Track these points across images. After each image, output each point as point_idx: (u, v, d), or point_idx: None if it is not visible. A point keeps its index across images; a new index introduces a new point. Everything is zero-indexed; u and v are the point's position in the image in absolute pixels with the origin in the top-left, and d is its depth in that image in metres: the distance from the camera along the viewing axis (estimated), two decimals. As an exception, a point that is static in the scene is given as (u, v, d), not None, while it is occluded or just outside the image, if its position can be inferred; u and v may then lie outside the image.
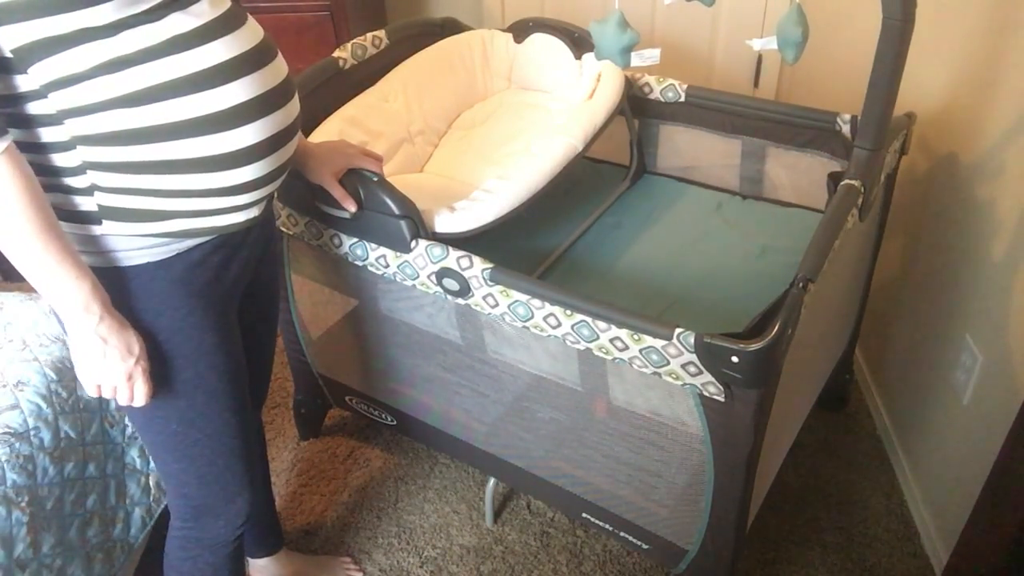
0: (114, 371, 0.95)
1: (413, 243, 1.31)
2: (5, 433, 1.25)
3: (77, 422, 1.37)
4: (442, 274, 1.30)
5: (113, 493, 1.44)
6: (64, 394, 1.36)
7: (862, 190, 1.31)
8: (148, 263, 0.96)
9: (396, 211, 1.30)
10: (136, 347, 0.96)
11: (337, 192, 1.30)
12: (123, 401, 0.98)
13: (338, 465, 1.88)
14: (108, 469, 1.43)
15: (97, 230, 0.93)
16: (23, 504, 1.23)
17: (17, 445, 1.25)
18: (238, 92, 0.92)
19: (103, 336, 0.92)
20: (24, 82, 0.84)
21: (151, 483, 1.51)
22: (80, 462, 1.36)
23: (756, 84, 2.47)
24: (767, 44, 1.18)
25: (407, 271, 1.35)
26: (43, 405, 1.32)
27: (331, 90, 1.61)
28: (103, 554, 1.39)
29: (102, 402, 1.43)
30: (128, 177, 0.91)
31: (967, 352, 1.49)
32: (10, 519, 1.20)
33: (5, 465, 1.22)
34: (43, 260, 0.87)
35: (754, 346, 1.05)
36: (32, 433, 1.28)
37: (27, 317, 1.48)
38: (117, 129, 0.88)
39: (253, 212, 1.02)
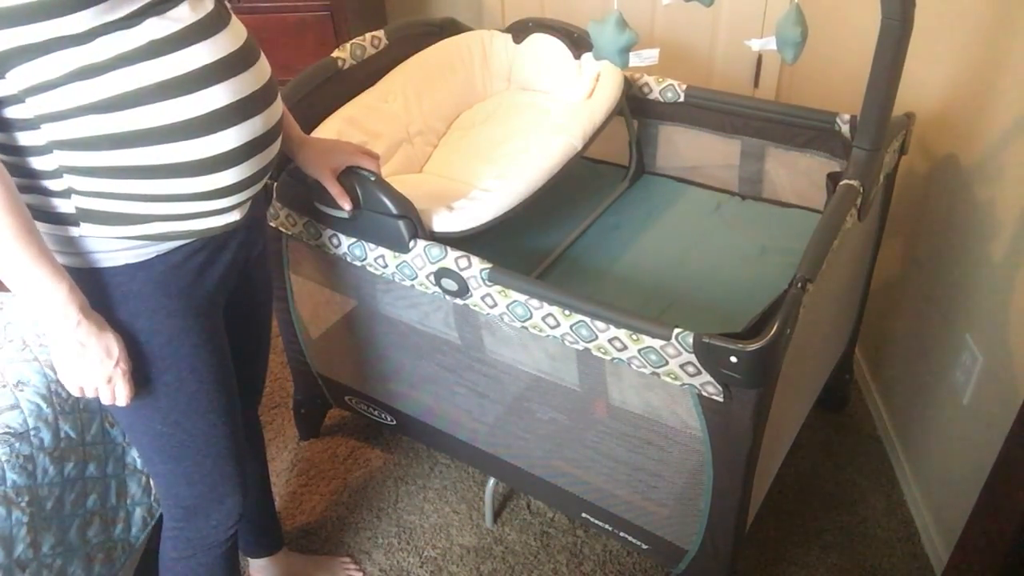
0: (94, 374, 0.95)
1: (411, 243, 1.32)
2: (5, 433, 1.25)
3: (77, 422, 1.37)
4: (440, 274, 1.30)
5: (114, 493, 1.44)
6: (64, 394, 1.36)
7: (861, 190, 1.31)
8: (127, 264, 0.96)
9: (394, 211, 1.30)
10: (115, 350, 0.95)
11: (334, 189, 1.30)
12: (105, 401, 0.99)
13: (338, 465, 1.88)
14: (109, 469, 1.43)
15: (75, 232, 0.93)
16: (23, 504, 1.23)
17: (17, 445, 1.26)
18: (218, 96, 0.91)
19: (81, 340, 0.92)
20: (2, 87, 0.84)
21: (152, 483, 1.51)
22: (80, 462, 1.36)
23: (756, 84, 2.47)
24: (766, 44, 1.18)
25: (406, 271, 1.35)
26: (43, 405, 1.32)
27: (330, 90, 1.61)
28: (104, 554, 1.40)
29: (102, 404, 1.43)
30: (105, 181, 0.90)
31: (967, 352, 1.49)
32: (10, 519, 1.20)
33: (5, 465, 1.23)
34: (19, 263, 0.87)
35: (753, 346, 1.05)
36: (32, 433, 1.28)
37: (27, 317, 1.48)
38: (93, 134, 0.87)
39: (234, 215, 1.01)
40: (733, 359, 1.06)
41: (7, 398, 1.30)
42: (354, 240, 1.39)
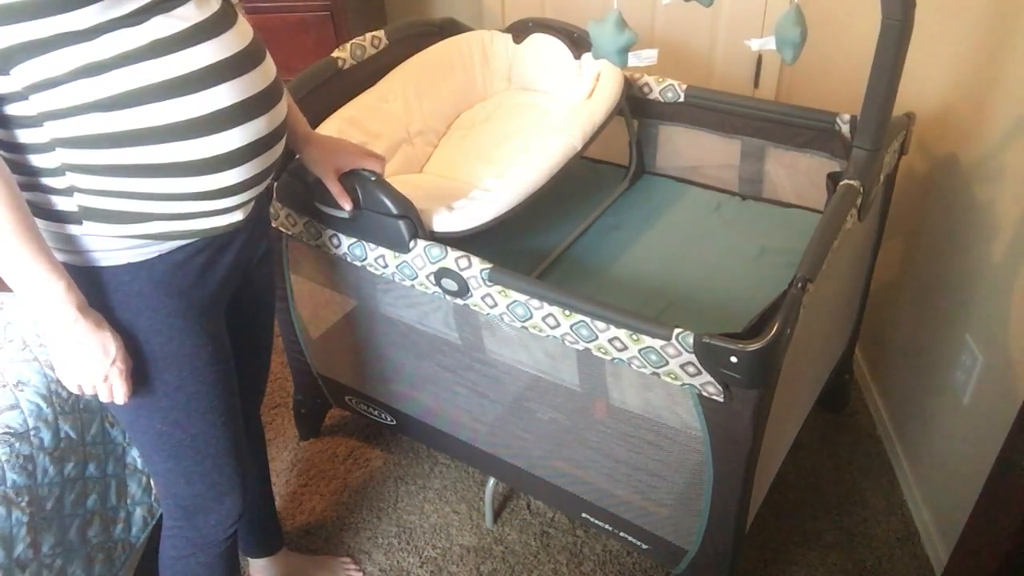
0: (90, 371, 0.95)
1: (412, 243, 1.32)
2: (5, 433, 1.26)
3: (77, 422, 1.37)
4: (441, 274, 1.30)
5: (114, 493, 1.44)
6: (64, 394, 1.36)
7: (861, 190, 1.31)
8: (129, 264, 0.96)
9: (394, 211, 1.30)
10: (112, 348, 0.95)
11: (336, 189, 1.30)
12: (103, 399, 0.99)
13: (338, 465, 1.88)
14: (109, 469, 1.43)
15: (77, 230, 0.93)
16: (23, 504, 1.23)
17: (17, 445, 1.26)
18: (223, 96, 0.91)
19: (78, 337, 0.92)
20: (6, 84, 0.84)
21: (152, 483, 1.51)
22: (80, 462, 1.36)
23: (756, 84, 2.46)
24: (765, 44, 1.18)
25: (406, 271, 1.35)
26: (43, 405, 1.32)
27: (330, 90, 1.61)
28: (104, 554, 1.40)
29: (102, 402, 1.43)
30: (108, 180, 0.90)
31: (967, 352, 1.49)
32: (10, 519, 1.20)
33: (5, 465, 1.23)
34: (17, 259, 0.87)
35: (753, 346, 1.05)
36: (32, 433, 1.29)
37: (27, 317, 1.48)
38: (96, 132, 0.87)
39: (237, 216, 1.01)
40: (733, 359, 1.06)
41: (7, 398, 1.30)
42: (354, 240, 1.39)
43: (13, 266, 0.88)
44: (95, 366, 0.95)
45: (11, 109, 0.86)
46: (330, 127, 1.55)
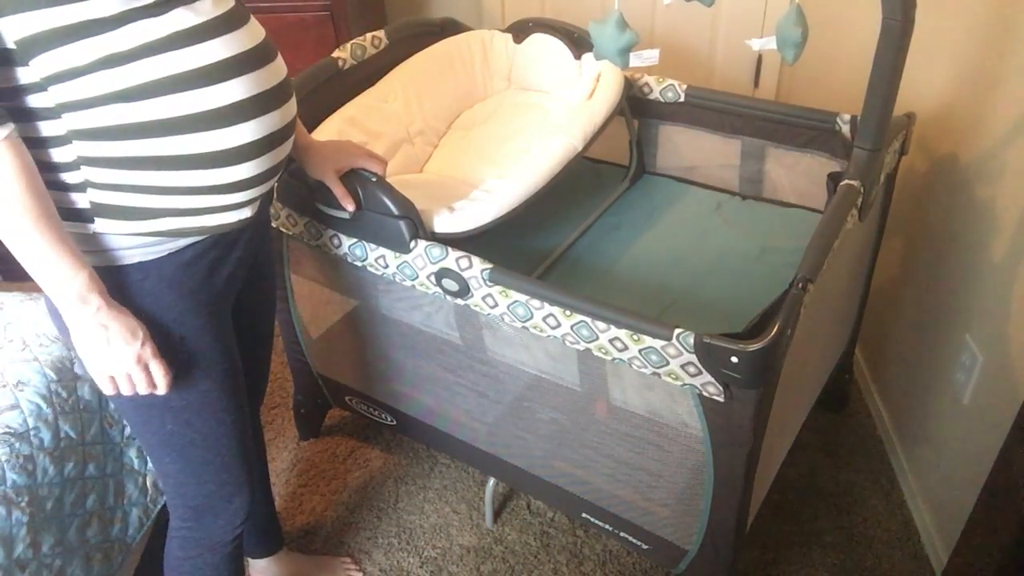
0: (122, 356, 0.94)
1: (412, 243, 1.32)
2: (5, 433, 1.25)
3: (77, 422, 1.37)
4: (441, 274, 1.30)
5: (112, 493, 1.44)
6: (64, 394, 1.36)
7: (862, 190, 1.31)
8: (140, 263, 0.96)
9: (395, 211, 1.30)
10: (140, 331, 0.94)
11: (338, 190, 1.30)
12: (142, 389, 0.97)
13: (338, 465, 1.88)
14: (107, 469, 1.43)
15: (90, 228, 0.94)
16: (23, 504, 1.23)
17: (17, 445, 1.25)
18: (235, 90, 0.92)
19: (103, 323, 0.92)
20: (25, 74, 0.84)
21: (148, 483, 1.51)
22: (80, 462, 1.36)
23: (756, 84, 2.47)
24: (766, 44, 1.18)
25: (406, 271, 1.35)
26: (43, 405, 1.32)
27: (330, 90, 1.61)
28: (102, 554, 1.39)
29: (102, 402, 1.43)
30: (122, 173, 0.91)
31: (967, 352, 1.49)
32: (10, 519, 1.20)
33: (5, 465, 1.22)
34: (40, 248, 0.87)
35: (754, 346, 1.05)
36: (32, 433, 1.28)
37: (27, 317, 1.48)
38: (113, 124, 0.88)
39: (246, 212, 1.02)
40: (734, 359, 1.07)
41: (7, 398, 1.30)
42: (355, 240, 1.39)
43: (36, 256, 0.88)
44: (126, 349, 0.93)
45: (29, 101, 0.86)
46: (330, 127, 1.55)
